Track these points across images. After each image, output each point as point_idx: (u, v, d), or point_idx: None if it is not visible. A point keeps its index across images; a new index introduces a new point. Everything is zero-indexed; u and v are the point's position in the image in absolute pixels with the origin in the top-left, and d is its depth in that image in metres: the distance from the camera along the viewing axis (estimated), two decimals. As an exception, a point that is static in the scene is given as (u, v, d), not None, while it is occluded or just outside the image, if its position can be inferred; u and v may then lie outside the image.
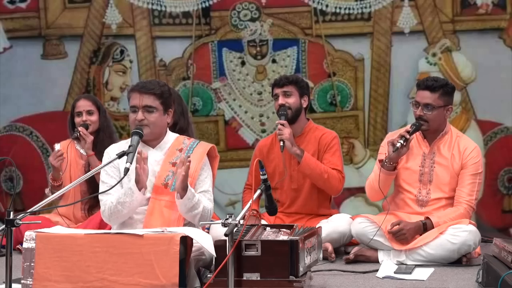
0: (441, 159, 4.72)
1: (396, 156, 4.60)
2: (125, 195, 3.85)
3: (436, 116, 4.66)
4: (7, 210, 3.18)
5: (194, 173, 3.98)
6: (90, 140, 5.08)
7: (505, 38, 5.92)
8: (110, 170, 4.00)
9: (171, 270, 3.30)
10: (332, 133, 5.09)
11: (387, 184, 4.72)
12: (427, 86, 4.65)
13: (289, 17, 6.11)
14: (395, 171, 4.68)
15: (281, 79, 5.01)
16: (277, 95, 4.98)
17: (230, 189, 6.05)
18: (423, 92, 4.67)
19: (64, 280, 3.36)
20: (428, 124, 4.67)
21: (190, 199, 3.82)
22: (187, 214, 3.88)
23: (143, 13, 6.18)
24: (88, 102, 5.22)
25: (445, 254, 4.52)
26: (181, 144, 4.07)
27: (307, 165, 4.86)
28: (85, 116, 5.16)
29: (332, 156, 4.97)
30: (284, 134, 4.83)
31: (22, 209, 6.00)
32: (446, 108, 4.70)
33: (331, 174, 4.90)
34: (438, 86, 4.65)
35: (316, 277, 4.10)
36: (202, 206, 3.89)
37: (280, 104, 4.94)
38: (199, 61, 6.18)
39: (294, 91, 4.96)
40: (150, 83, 4.01)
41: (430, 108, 4.64)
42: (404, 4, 6.01)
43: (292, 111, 4.94)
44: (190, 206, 3.84)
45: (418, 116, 4.66)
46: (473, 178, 4.68)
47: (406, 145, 4.58)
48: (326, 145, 4.99)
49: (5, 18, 6.27)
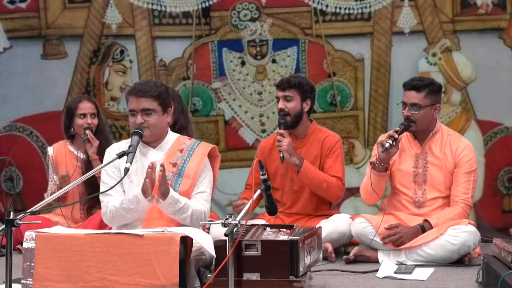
0: (433, 158, 4.71)
1: (386, 157, 4.58)
2: (130, 202, 3.85)
3: (423, 116, 4.65)
4: (7, 210, 3.18)
5: (194, 174, 3.98)
6: (97, 144, 5.07)
7: (505, 38, 5.92)
8: (111, 170, 4.00)
9: (171, 270, 3.30)
10: (335, 136, 5.07)
11: (381, 186, 4.71)
12: (413, 86, 4.65)
13: (289, 17, 6.11)
14: (387, 172, 4.67)
15: (283, 82, 4.95)
16: (278, 98, 4.96)
17: (230, 189, 6.05)
18: (409, 92, 4.67)
19: (64, 280, 3.36)
20: (416, 124, 4.65)
21: (171, 204, 3.82)
22: (174, 217, 3.89)
23: (143, 13, 6.17)
24: (91, 104, 5.22)
25: (445, 254, 4.52)
26: (182, 145, 4.06)
27: (306, 175, 4.85)
28: (90, 119, 5.16)
29: (334, 161, 4.96)
30: (282, 145, 4.81)
31: (22, 209, 6.00)
32: (433, 107, 4.69)
33: (330, 182, 4.89)
34: (423, 85, 4.64)
35: (316, 277, 4.10)
36: (191, 210, 3.88)
37: (279, 108, 4.93)
38: (199, 61, 6.18)
39: (296, 95, 4.92)
40: (147, 85, 3.97)
41: (417, 108, 4.64)
42: (404, 4, 6.01)
43: (291, 117, 4.91)
44: (174, 210, 3.85)
45: (406, 116, 4.66)
46: (468, 176, 4.67)
47: (396, 144, 4.56)
48: (328, 149, 4.98)
49: (5, 18, 6.27)
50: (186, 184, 3.96)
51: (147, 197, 3.81)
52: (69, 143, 5.26)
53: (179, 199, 3.85)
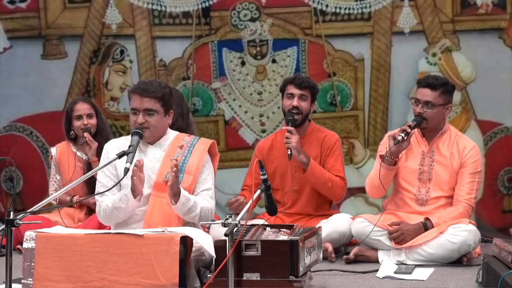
0: (440, 157, 4.73)
1: (397, 150, 4.60)
2: (120, 200, 3.85)
3: (435, 114, 4.67)
4: (7, 210, 3.18)
5: (195, 171, 3.97)
6: (95, 146, 5.07)
7: (505, 38, 5.92)
8: (106, 168, 3.96)
9: (171, 270, 3.30)
10: (334, 135, 5.08)
11: (388, 180, 4.72)
12: (428, 84, 4.67)
13: (289, 17, 6.11)
14: (395, 166, 4.68)
15: (303, 81, 4.93)
16: (292, 95, 4.92)
17: (230, 189, 6.05)
18: (423, 90, 4.68)
19: (64, 280, 3.36)
20: (427, 122, 4.68)
21: (184, 204, 3.82)
22: (185, 217, 3.89)
23: (143, 13, 6.17)
24: (87, 105, 5.22)
25: (445, 253, 4.52)
26: (181, 141, 4.05)
27: (313, 173, 4.85)
28: (86, 120, 5.16)
29: (335, 161, 4.97)
30: (291, 142, 4.80)
31: (22, 209, 6.00)
32: (445, 106, 4.71)
33: (335, 182, 4.91)
34: (438, 85, 4.67)
35: (316, 277, 4.10)
36: (199, 208, 3.88)
37: (294, 105, 4.89)
38: (199, 61, 6.18)
39: (309, 95, 4.93)
40: (152, 85, 3.95)
41: (430, 106, 4.65)
42: (404, 4, 6.01)
43: (302, 115, 4.92)
44: (186, 210, 3.84)
45: (418, 113, 4.68)
46: (472, 177, 4.69)
47: (407, 139, 4.58)
48: (328, 148, 4.99)
49: (5, 18, 6.26)
50: (187, 180, 3.95)
51: (135, 196, 3.79)
52: (71, 144, 5.26)
53: (189, 197, 3.85)
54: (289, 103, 4.92)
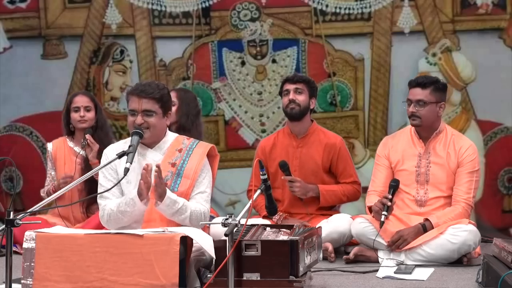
0: (437, 158, 4.73)
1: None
2: (126, 204, 3.84)
3: (428, 112, 4.68)
4: (7, 210, 3.18)
5: (194, 174, 3.97)
6: (96, 148, 5.05)
7: (505, 38, 5.92)
8: (108, 172, 3.98)
9: (171, 270, 3.30)
10: (338, 138, 5.09)
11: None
12: (418, 83, 4.72)
13: (289, 17, 6.11)
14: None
15: (294, 76, 5.03)
16: (288, 91, 4.95)
17: (230, 189, 6.05)
18: (414, 90, 4.72)
19: (64, 280, 3.36)
20: (420, 120, 4.68)
21: (169, 206, 3.81)
22: (173, 218, 3.88)
23: (143, 13, 6.18)
24: (86, 98, 5.21)
25: (445, 254, 4.52)
26: (180, 145, 4.05)
27: (325, 200, 4.98)
28: (83, 112, 5.15)
29: (345, 165, 5.04)
30: (296, 192, 4.90)
31: (22, 209, 6.00)
32: (438, 104, 4.71)
33: (348, 193, 5.03)
34: (428, 83, 4.71)
35: (316, 277, 4.10)
36: (189, 211, 3.87)
37: (290, 99, 4.92)
38: (199, 61, 6.18)
39: (305, 90, 4.95)
40: (150, 87, 3.94)
41: (422, 104, 4.67)
42: (404, 4, 6.01)
43: (300, 108, 4.93)
44: (172, 212, 3.83)
45: (411, 113, 4.70)
46: (470, 176, 4.69)
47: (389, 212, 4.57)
48: (336, 153, 5.00)
49: (5, 18, 6.27)
50: (185, 184, 3.95)
51: (142, 199, 3.79)
52: (69, 140, 5.25)
53: (177, 200, 3.84)
54: (286, 99, 4.95)
